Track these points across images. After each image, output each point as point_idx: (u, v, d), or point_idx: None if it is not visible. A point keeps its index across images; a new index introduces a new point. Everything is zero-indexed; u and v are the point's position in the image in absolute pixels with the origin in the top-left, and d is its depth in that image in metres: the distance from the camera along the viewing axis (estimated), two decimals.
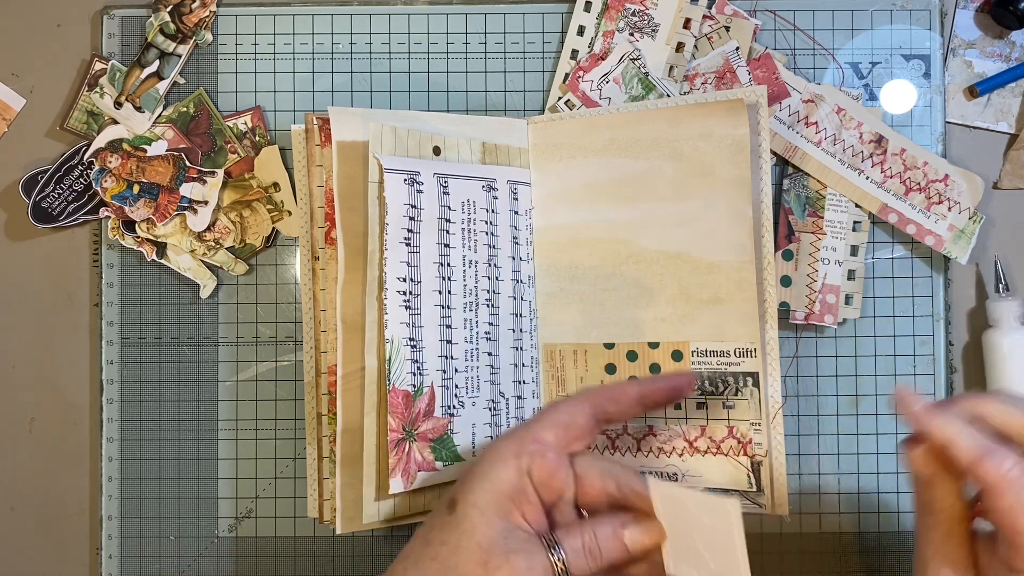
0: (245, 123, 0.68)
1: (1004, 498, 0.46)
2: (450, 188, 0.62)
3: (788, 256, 0.66)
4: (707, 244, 0.64)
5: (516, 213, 0.65)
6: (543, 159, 0.66)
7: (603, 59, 0.66)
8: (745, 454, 0.63)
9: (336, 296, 0.61)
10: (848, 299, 0.66)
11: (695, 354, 0.64)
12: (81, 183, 0.67)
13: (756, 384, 0.63)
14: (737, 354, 0.63)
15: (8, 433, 0.69)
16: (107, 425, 0.68)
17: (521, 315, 0.65)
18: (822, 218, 0.66)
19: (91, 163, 0.67)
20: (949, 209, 0.65)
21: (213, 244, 0.67)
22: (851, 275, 0.66)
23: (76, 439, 0.69)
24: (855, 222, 0.66)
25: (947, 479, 0.49)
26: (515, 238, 0.65)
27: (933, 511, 0.50)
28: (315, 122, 0.63)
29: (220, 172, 0.67)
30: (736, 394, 0.63)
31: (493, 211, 0.64)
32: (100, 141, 0.67)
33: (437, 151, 0.63)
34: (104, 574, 0.68)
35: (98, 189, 0.66)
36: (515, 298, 0.65)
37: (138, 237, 0.67)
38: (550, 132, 0.66)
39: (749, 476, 0.63)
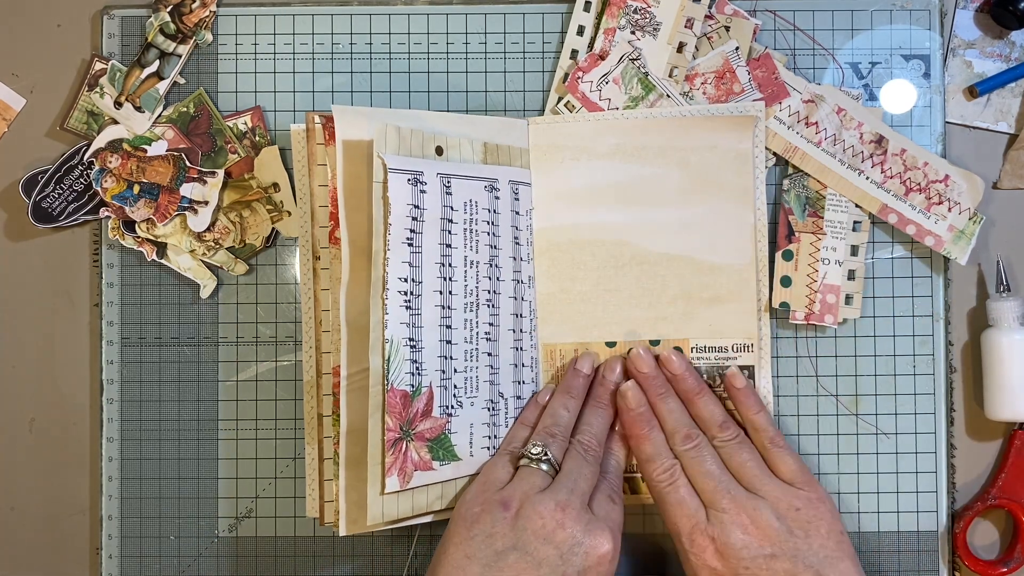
0: (245, 123, 0.68)
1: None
2: (452, 188, 0.62)
3: (788, 256, 0.66)
4: (710, 248, 0.66)
5: (517, 213, 0.65)
6: (544, 160, 0.66)
7: (602, 59, 0.66)
8: None
9: (340, 296, 0.61)
10: (848, 299, 0.66)
11: (694, 350, 0.66)
12: (81, 183, 0.67)
13: (751, 376, 0.66)
14: (735, 349, 0.66)
15: (8, 433, 0.69)
16: (107, 425, 0.68)
17: (521, 315, 0.66)
18: (822, 218, 0.66)
19: (91, 163, 0.67)
20: (949, 210, 0.65)
21: (213, 244, 0.67)
22: (851, 275, 0.66)
23: (76, 439, 0.69)
24: (855, 222, 0.66)
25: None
26: (516, 238, 0.65)
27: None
28: (317, 121, 0.63)
29: (220, 172, 0.67)
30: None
31: (495, 211, 0.64)
32: (100, 141, 0.67)
33: (440, 151, 0.63)
34: (104, 574, 0.68)
35: (98, 189, 0.66)
36: (515, 298, 0.65)
37: (138, 237, 0.67)
38: (552, 133, 0.66)
39: None
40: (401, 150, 0.61)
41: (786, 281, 0.66)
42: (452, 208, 0.62)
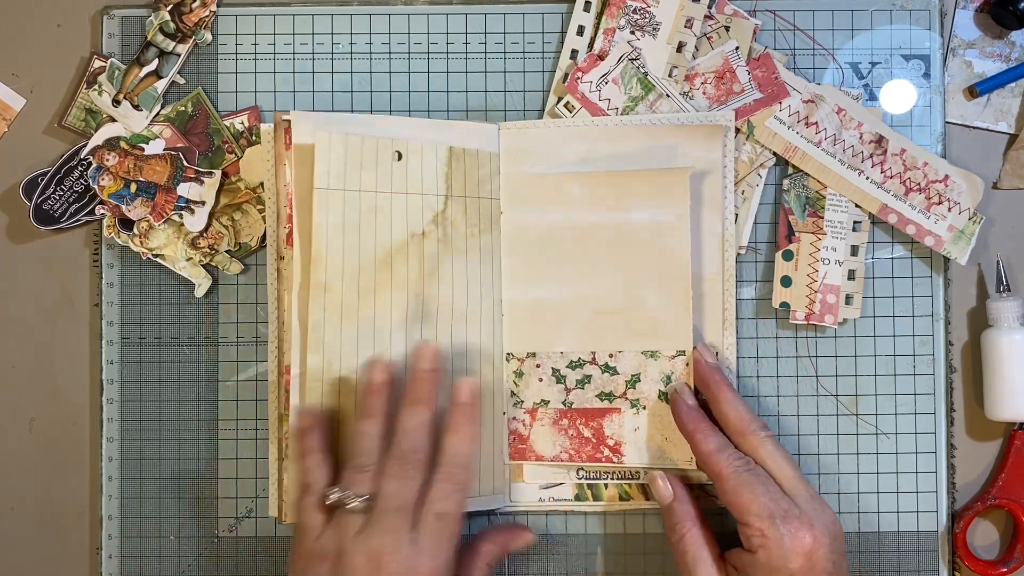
0: (242, 123, 0.68)
1: (728, 482, 0.59)
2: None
3: (788, 256, 0.66)
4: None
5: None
6: (514, 165, 0.66)
7: (602, 59, 0.66)
8: None
9: (293, 297, 0.62)
10: (848, 299, 0.66)
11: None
12: (81, 184, 0.67)
13: None
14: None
15: (8, 433, 0.69)
16: (107, 425, 0.68)
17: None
18: (822, 218, 0.66)
19: (89, 161, 0.67)
20: (949, 210, 0.65)
21: (208, 251, 0.67)
22: (851, 275, 0.66)
23: (76, 439, 0.69)
24: (855, 222, 0.66)
25: (685, 502, 0.62)
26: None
27: (688, 523, 0.61)
28: (284, 121, 0.64)
29: (218, 172, 0.67)
30: (697, 394, 0.64)
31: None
32: (98, 139, 0.67)
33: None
34: (104, 574, 0.68)
35: (95, 187, 0.66)
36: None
37: (134, 236, 0.67)
38: (523, 139, 0.66)
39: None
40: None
41: (786, 281, 0.66)
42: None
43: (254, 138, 0.68)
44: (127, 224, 0.67)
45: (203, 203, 0.67)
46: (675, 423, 0.63)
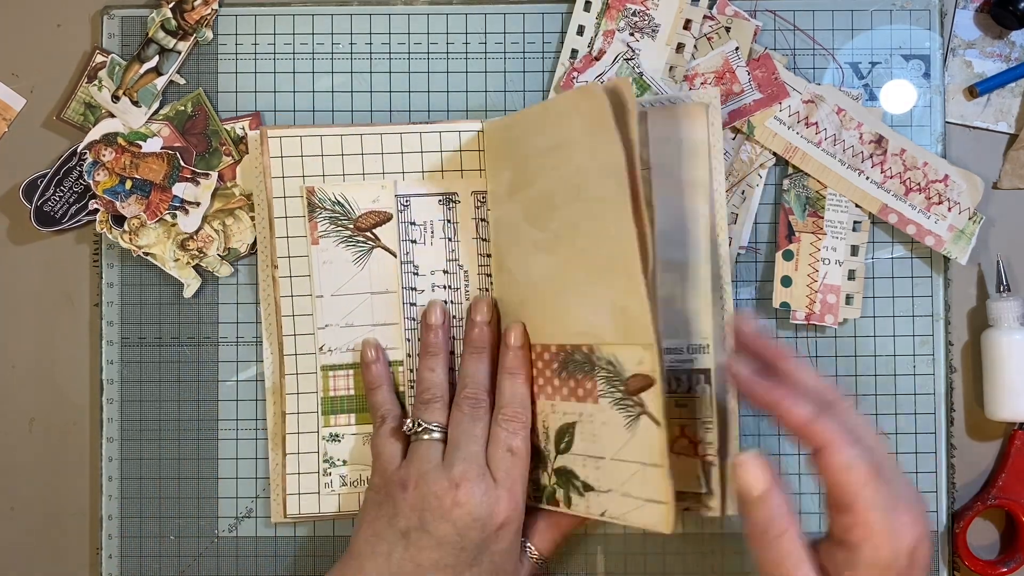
0: (243, 128, 0.67)
1: (837, 455, 0.49)
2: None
3: (788, 256, 0.66)
4: (664, 243, 0.60)
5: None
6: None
7: (598, 59, 0.66)
8: (696, 454, 0.61)
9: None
10: (848, 299, 0.66)
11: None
12: (81, 184, 0.67)
13: (708, 381, 0.61)
14: (689, 351, 0.61)
15: (8, 433, 0.69)
16: (107, 425, 0.68)
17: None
18: (822, 218, 0.66)
19: (84, 156, 0.66)
20: (949, 209, 0.65)
21: (197, 253, 0.67)
22: (851, 275, 0.66)
23: (76, 439, 0.69)
24: (855, 222, 0.66)
25: (781, 491, 0.52)
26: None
27: (788, 519, 0.52)
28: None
29: (214, 174, 0.67)
30: (688, 391, 0.61)
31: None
32: (95, 133, 0.67)
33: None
34: (104, 574, 0.68)
35: (90, 182, 0.66)
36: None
37: (124, 231, 0.67)
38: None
39: (699, 477, 0.61)
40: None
41: (786, 281, 0.66)
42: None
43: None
44: (120, 220, 0.67)
45: (198, 204, 0.67)
46: (746, 399, 0.56)
